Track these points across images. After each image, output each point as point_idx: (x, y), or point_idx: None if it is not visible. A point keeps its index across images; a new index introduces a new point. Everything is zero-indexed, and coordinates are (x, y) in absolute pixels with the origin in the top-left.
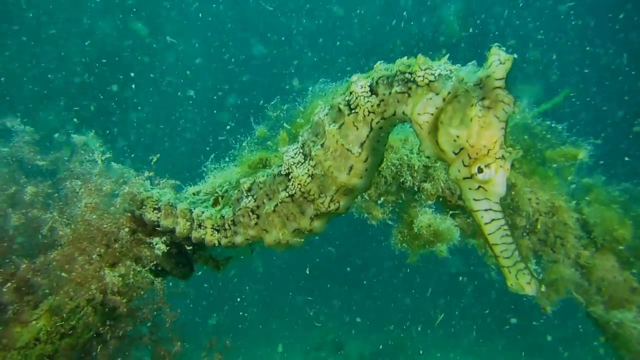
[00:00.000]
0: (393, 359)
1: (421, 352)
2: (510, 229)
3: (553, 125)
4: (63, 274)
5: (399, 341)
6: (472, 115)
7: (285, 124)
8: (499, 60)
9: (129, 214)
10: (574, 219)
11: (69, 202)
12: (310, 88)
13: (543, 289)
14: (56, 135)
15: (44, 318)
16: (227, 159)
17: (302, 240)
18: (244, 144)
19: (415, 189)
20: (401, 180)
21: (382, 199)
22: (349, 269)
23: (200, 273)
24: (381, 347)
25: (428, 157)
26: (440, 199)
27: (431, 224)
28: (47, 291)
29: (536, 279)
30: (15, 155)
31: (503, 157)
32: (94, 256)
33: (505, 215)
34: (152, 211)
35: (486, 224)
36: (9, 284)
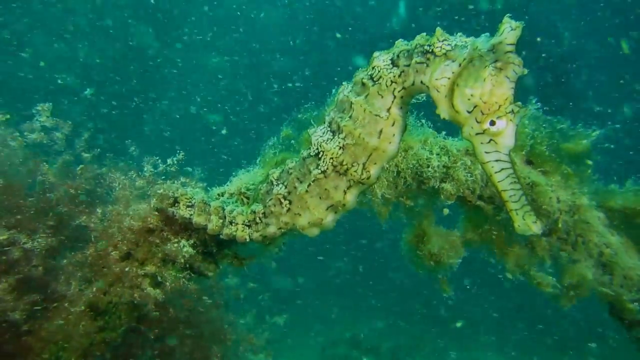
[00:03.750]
0: (410, 356)
1: (438, 349)
2: (517, 177)
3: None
4: (95, 269)
5: (416, 338)
6: (485, 75)
7: (312, 122)
8: (510, 27)
9: (157, 213)
10: (597, 217)
11: (106, 196)
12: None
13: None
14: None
15: (80, 312)
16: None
17: (336, 219)
18: (268, 144)
19: (435, 188)
20: (421, 180)
21: (400, 200)
22: (362, 266)
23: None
24: (399, 343)
25: (444, 118)
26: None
27: (437, 253)
28: (83, 285)
29: (541, 219)
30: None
31: (512, 112)
32: (124, 253)
33: (513, 165)
34: (186, 208)
35: (496, 172)
36: (65, 275)
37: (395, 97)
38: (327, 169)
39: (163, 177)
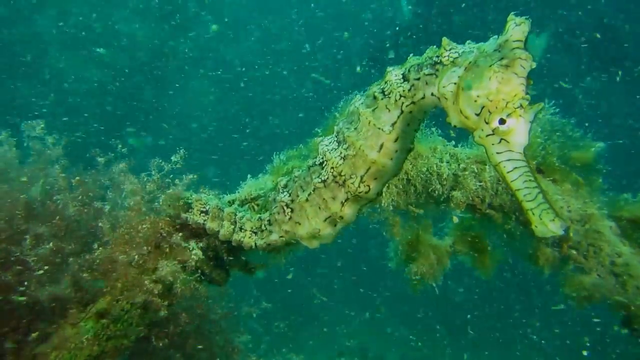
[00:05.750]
0: None
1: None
2: (534, 175)
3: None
4: (106, 274)
5: (425, 347)
6: (490, 74)
7: (318, 130)
8: (515, 24)
9: (168, 218)
10: (608, 227)
11: (116, 200)
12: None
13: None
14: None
15: (91, 319)
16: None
17: (335, 232)
18: (275, 157)
19: (445, 197)
20: (430, 189)
21: (408, 208)
22: (371, 272)
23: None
24: (405, 353)
25: (455, 126)
26: (470, 207)
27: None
28: (94, 291)
29: (561, 217)
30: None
31: (522, 107)
32: (135, 258)
33: (528, 163)
34: (200, 214)
35: (509, 172)
36: (68, 278)
37: (402, 112)
38: (328, 178)
39: (171, 176)
